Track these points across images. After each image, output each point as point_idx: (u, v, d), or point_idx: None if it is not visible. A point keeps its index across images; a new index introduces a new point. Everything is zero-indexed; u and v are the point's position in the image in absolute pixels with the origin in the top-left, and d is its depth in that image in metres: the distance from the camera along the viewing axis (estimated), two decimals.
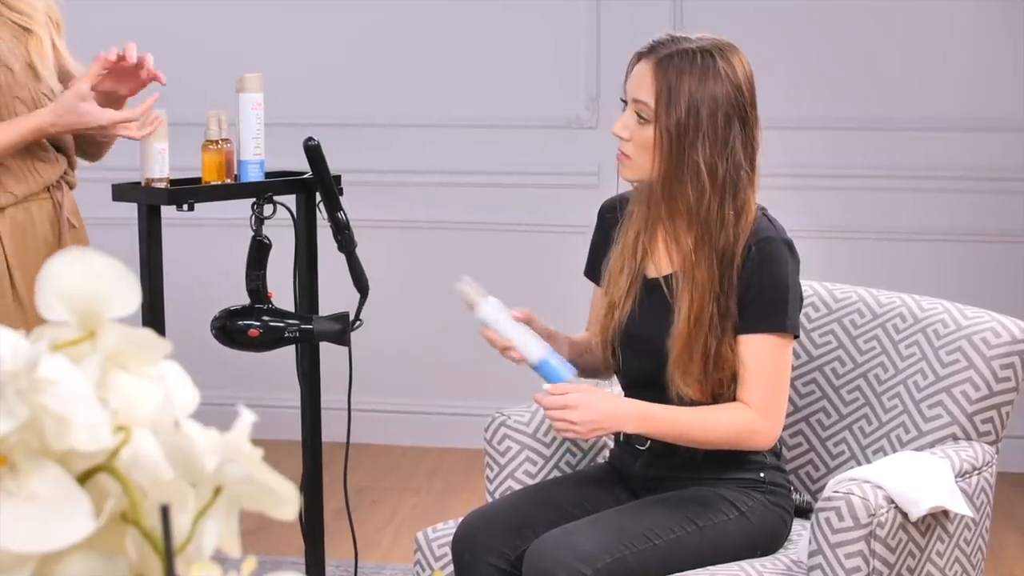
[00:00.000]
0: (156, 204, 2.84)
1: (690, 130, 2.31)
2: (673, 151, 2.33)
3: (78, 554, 0.76)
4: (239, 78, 2.96)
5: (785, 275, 2.36)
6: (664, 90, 2.32)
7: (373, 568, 3.66)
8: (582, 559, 2.24)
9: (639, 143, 2.36)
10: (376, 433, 4.67)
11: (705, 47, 2.34)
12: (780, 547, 2.46)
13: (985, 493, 2.42)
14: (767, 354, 2.34)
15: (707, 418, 2.34)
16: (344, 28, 4.69)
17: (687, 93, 2.31)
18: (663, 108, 2.32)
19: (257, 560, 0.80)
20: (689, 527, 2.34)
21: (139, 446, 0.78)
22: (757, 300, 2.34)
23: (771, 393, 2.34)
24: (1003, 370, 2.47)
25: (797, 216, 4.51)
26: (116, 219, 3.38)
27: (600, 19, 4.54)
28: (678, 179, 2.34)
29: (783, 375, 2.37)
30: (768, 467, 2.43)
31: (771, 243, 2.36)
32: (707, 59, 2.33)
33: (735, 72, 2.34)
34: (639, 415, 2.34)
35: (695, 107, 2.31)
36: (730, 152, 2.33)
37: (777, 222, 2.41)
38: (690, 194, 2.33)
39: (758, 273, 2.34)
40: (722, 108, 2.32)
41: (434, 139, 4.67)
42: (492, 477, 2.67)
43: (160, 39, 4.75)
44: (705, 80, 2.32)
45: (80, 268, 0.80)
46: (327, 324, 2.93)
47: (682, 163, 2.33)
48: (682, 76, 2.32)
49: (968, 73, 4.42)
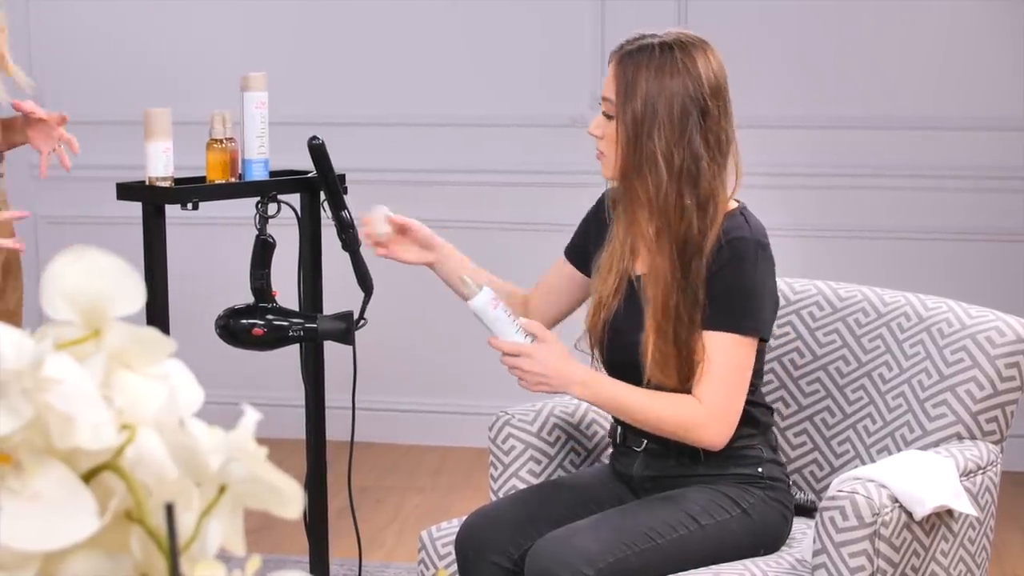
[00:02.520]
0: (160, 203, 2.84)
1: (646, 121, 2.34)
2: (631, 143, 2.36)
3: (82, 553, 0.76)
4: (243, 77, 2.96)
5: (752, 276, 2.36)
6: (623, 85, 2.37)
7: (377, 567, 3.66)
8: (585, 559, 2.24)
9: (610, 139, 2.40)
10: (380, 432, 4.67)
11: (667, 41, 2.38)
12: (783, 543, 2.46)
13: (989, 492, 2.42)
14: (726, 353, 2.34)
15: (655, 403, 2.35)
16: (348, 27, 4.69)
17: (644, 86, 2.35)
18: (621, 102, 2.37)
19: (261, 559, 0.80)
20: (692, 526, 2.34)
21: (143, 445, 0.78)
22: (722, 298, 2.35)
23: (723, 393, 2.34)
24: (1008, 369, 2.46)
25: (798, 216, 4.51)
26: (120, 218, 3.39)
27: (604, 18, 4.54)
28: (637, 171, 2.37)
29: (740, 376, 2.36)
30: (765, 461, 2.43)
31: (742, 242, 2.36)
32: (666, 53, 2.36)
33: (695, 65, 2.36)
34: (586, 382, 2.36)
35: (651, 99, 2.34)
36: (687, 143, 2.34)
37: (755, 221, 2.42)
38: (649, 184, 2.36)
39: (726, 271, 2.35)
40: (678, 100, 2.34)
41: (438, 138, 4.67)
42: (496, 476, 2.67)
43: (164, 38, 4.77)
44: (662, 73, 2.35)
45: (84, 267, 0.80)
46: (331, 323, 2.93)
47: (640, 155, 2.36)
48: (639, 70, 2.36)
49: (968, 73, 4.42)
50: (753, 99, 4.55)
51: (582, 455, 2.71)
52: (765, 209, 4.52)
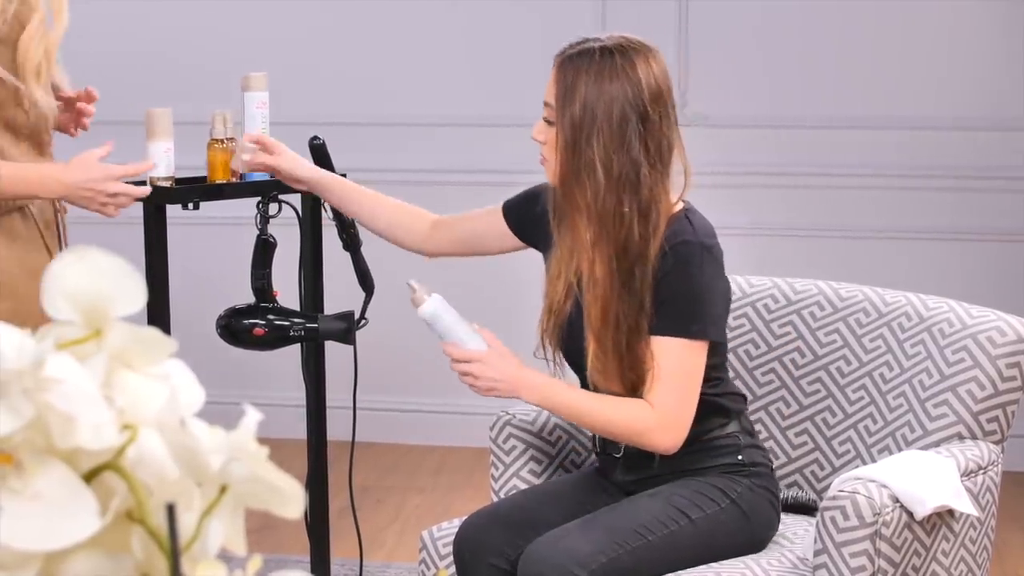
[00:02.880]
0: (161, 203, 2.85)
1: (585, 127, 2.33)
2: (570, 149, 2.35)
3: (84, 553, 0.76)
4: (244, 77, 2.96)
5: (698, 279, 2.34)
6: (563, 89, 2.35)
7: (378, 567, 3.67)
8: (576, 561, 2.23)
9: (551, 145, 2.39)
10: (381, 432, 4.67)
11: (608, 46, 2.35)
12: (775, 531, 2.46)
13: (990, 492, 2.42)
14: (676, 358, 2.34)
15: (606, 409, 2.35)
16: (349, 27, 4.69)
17: (583, 91, 2.33)
18: (561, 107, 2.35)
19: (262, 559, 0.80)
20: (682, 520, 2.34)
21: (145, 445, 0.78)
22: (668, 303, 2.34)
23: (675, 397, 2.34)
24: (1009, 369, 2.46)
25: (798, 215, 4.52)
26: (122, 218, 3.38)
27: (606, 19, 4.54)
28: (575, 176, 2.35)
29: (691, 380, 2.35)
30: (744, 447, 2.43)
31: (686, 246, 2.34)
32: (607, 57, 2.34)
33: (636, 71, 2.33)
34: (537, 386, 2.37)
35: (590, 104, 2.32)
36: (627, 149, 2.33)
37: (700, 222, 2.39)
38: (587, 191, 2.34)
39: (671, 276, 2.33)
40: (618, 105, 2.32)
41: (440, 138, 4.67)
42: (497, 476, 2.67)
43: (165, 38, 4.77)
44: (601, 78, 2.33)
45: (85, 267, 0.80)
46: (332, 323, 2.93)
47: (579, 160, 2.34)
48: (579, 74, 2.34)
49: (969, 72, 4.42)
50: (754, 99, 4.55)
51: (583, 455, 2.71)
52: (765, 208, 4.54)
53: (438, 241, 2.67)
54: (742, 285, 2.78)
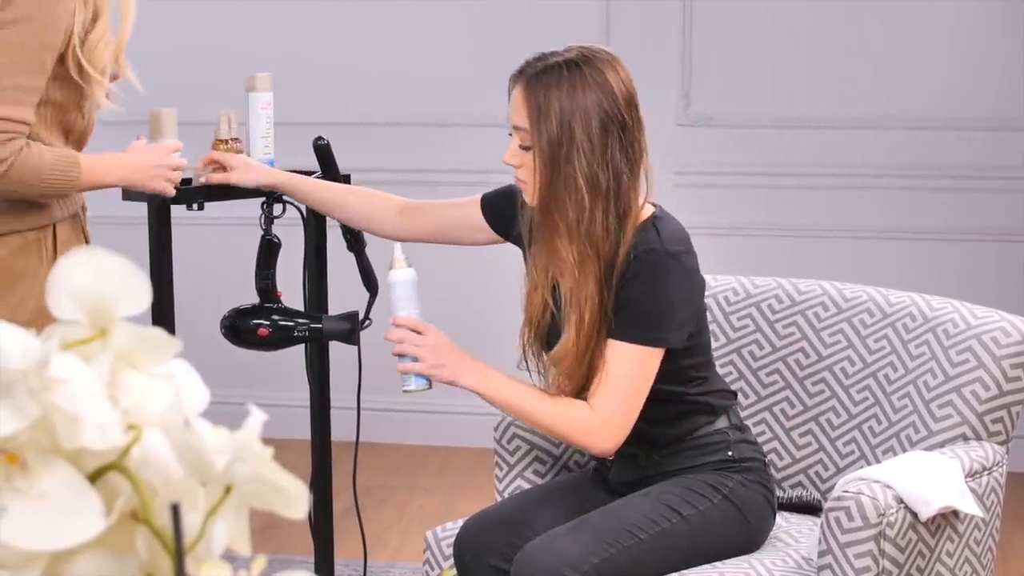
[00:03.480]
0: (166, 203, 2.85)
1: (564, 144, 2.30)
2: (548, 168, 2.31)
3: (88, 553, 0.76)
4: (249, 77, 2.96)
5: (660, 288, 2.32)
6: (535, 109, 2.31)
7: (382, 567, 3.67)
8: (568, 564, 2.23)
9: (528, 167, 2.35)
10: (385, 432, 4.67)
11: (571, 59, 2.32)
12: (771, 526, 2.46)
13: (995, 493, 2.42)
14: (627, 363, 2.33)
15: (545, 406, 2.35)
16: (353, 27, 4.70)
17: (557, 107, 2.30)
18: (536, 128, 2.31)
19: (267, 559, 0.80)
20: (674, 518, 2.34)
21: (149, 445, 0.78)
22: (628, 309, 2.33)
23: (617, 401, 2.33)
24: (1013, 370, 2.46)
25: (800, 215, 4.51)
26: (126, 218, 3.39)
27: (610, 20, 4.54)
28: (555, 197, 2.32)
29: (639, 387, 2.34)
30: (734, 443, 2.43)
31: (651, 255, 2.32)
32: (574, 70, 2.31)
33: (605, 79, 2.31)
34: (480, 374, 2.38)
35: (566, 120, 2.29)
36: (609, 160, 2.31)
37: (668, 229, 2.36)
38: (568, 210, 2.31)
39: (633, 283, 2.32)
40: (596, 117, 2.29)
41: (444, 138, 4.67)
42: (501, 476, 2.67)
43: (170, 38, 4.77)
44: (574, 92, 2.30)
45: (90, 267, 0.80)
46: (336, 323, 2.93)
47: (558, 180, 2.31)
48: (550, 91, 2.30)
49: (970, 73, 4.41)
50: (757, 99, 4.55)
51: (586, 455, 2.71)
52: (768, 209, 4.54)
53: (411, 228, 2.67)
54: (746, 286, 2.78)
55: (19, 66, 2.38)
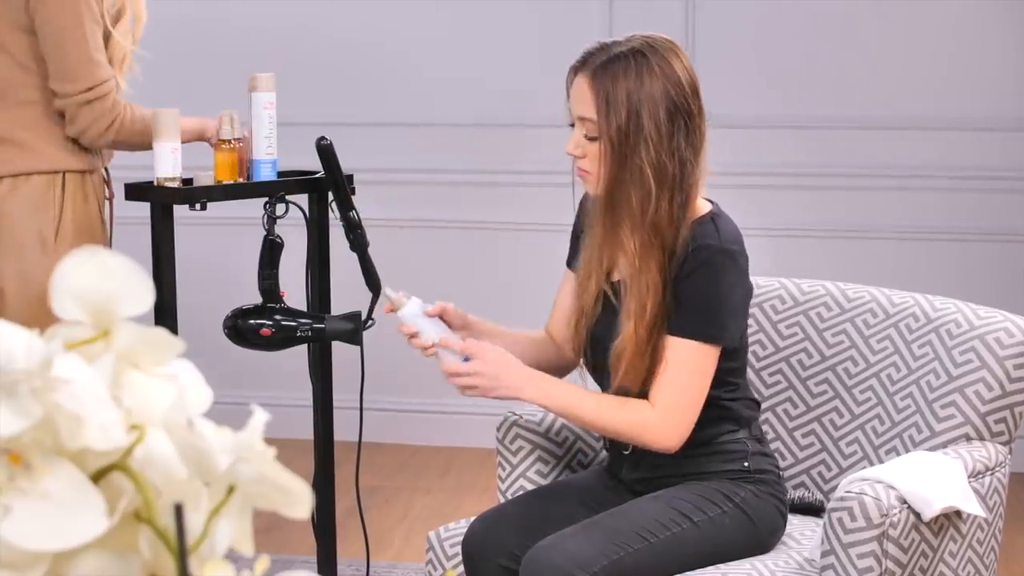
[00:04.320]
0: (169, 203, 2.85)
1: (631, 134, 2.30)
2: (617, 158, 2.32)
3: (92, 552, 0.76)
4: (251, 77, 2.96)
5: (718, 286, 2.33)
6: (603, 99, 2.32)
7: (385, 567, 3.67)
8: (578, 564, 2.23)
9: (593, 157, 2.35)
10: (388, 432, 4.67)
11: (637, 48, 2.33)
12: (780, 537, 2.45)
13: (998, 493, 2.42)
14: (688, 359, 2.33)
15: (604, 407, 2.35)
16: (355, 28, 4.70)
17: (625, 97, 2.30)
18: (604, 118, 2.32)
19: (269, 559, 0.80)
20: (684, 523, 2.34)
21: (152, 445, 0.78)
22: (687, 304, 2.33)
23: (678, 398, 2.33)
24: (1016, 370, 2.46)
25: (802, 216, 4.51)
26: (129, 218, 3.39)
27: (612, 18, 4.54)
28: (620, 186, 2.33)
29: (699, 383, 2.34)
30: (751, 455, 2.43)
31: (709, 250, 2.33)
32: (640, 59, 2.32)
33: (671, 68, 2.33)
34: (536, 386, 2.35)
35: (635, 110, 2.30)
36: (676, 148, 2.32)
37: (726, 228, 2.37)
38: (633, 199, 2.32)
39: (692, 278, 2.32)
40: (663, 105, 2.31)
41: (446, 138, 4.67)
42: (504, 476, 2.67)
43: (172, 38, 4.77)
44: (641, 81, 2.30)
45: (94, 267, 0.80)
46: (339, 323, 2.93)
47: (625, 169, 2.32)
48: (617, 81, 2.31)
49: (970, 73, 4.41)
50: (759, 99, 4.54)
51: (590, 455, 2.71)
52: (771, 209, 4.54)
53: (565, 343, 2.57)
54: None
55: (93, 39, 2.82)
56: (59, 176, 2.84)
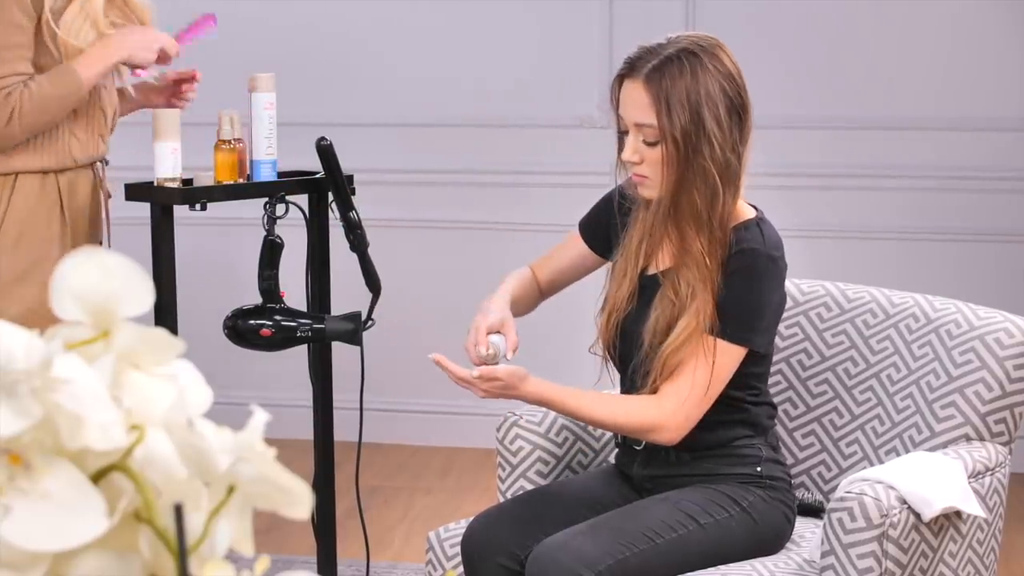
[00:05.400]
0: (169, 204, 2.85)
1: (693, 134, 2.31)
2: (681, 160, 2.32)
3: (92, 553, 0.76)
4: (251, 78, 2.96)
5: (757, 289, 2.34)
6: (663, 102, 2.31)
7: (385, 567, 3.67)
8: (584, 563, 2.23)
9: (653, 162, 2.35)
10: (388, 432, 4.67)
11: (686, 47, 2.33)
12: (785, 543, 2.45)
13: (998, 494, 2.42)
14: (716, 358, 2.33)
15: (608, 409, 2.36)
16: (356, 28, 4.70)
17: (685, 97, 2.30)
18: (666, 120, 2.31)
19: (270, 559, 0.80)
20: (691, 525, 2.34)
21: (153, 445, 0.78)
22: (727, 306, 2.33)
23: (690, 394, 2.33)
24: (1016, 370, 2.46)
25: (805, 216, 4.51)
26: (129, 218, 3.39)
27: (613, 18, 4.54)
28: (685, 188, 2.34)
29: (712, 383, 2.34)
30: (764, 461, 2.43)
31: (753, 254, 2.34)
32: (692, 59, 2.32)
33: (723, 64, 2.34)
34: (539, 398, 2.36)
35: (695, 109, 2.31)
36: (735, 145, 2.35)
37: (770, 233, 2.39)
38: (697, 200, 2.33)
39: (732, 279, 2.33)
40: (722, 103, 2.32)
41: (446, 139, 4.67)
42: (504, 477, 2.67)
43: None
44: (697, 80, 2.31)
45: (94, 267, 0.80)
46: (339, 324, 2.93)
47: (690, 170, 2.32)
48: (675, 83, 2.31)
49: (970, 73, 4.41)
50: (761, 99, 4.53)
51: (589, 456, 2.71)
52: (771, 210, 4.52)
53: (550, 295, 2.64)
54: None
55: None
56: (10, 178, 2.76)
